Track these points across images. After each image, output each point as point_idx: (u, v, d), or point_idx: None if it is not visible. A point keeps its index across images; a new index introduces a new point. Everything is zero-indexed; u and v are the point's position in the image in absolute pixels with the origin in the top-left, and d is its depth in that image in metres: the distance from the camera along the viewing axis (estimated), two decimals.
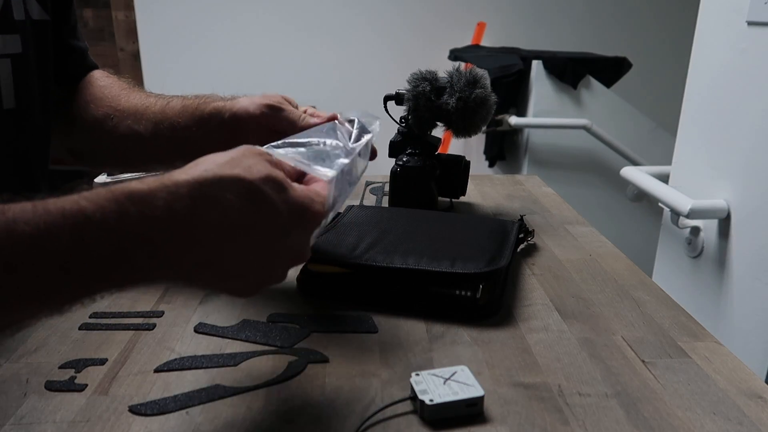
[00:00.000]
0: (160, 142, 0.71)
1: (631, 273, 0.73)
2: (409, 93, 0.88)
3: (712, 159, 1.22)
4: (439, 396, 0.46)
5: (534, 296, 0.66)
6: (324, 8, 2.97)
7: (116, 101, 0.74)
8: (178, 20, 2.84)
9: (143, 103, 0.73)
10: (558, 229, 0.88)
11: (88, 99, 0.76)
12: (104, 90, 0.76)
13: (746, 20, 1.11)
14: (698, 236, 1.25)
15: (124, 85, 0.78)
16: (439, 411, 0.45)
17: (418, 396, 0.46)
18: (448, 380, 0.48)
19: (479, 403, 0.46)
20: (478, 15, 2.99)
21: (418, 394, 0.46)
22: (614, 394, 0.50)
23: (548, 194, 1.06)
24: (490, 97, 0.87)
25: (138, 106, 0.72)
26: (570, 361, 0.54)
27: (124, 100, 0.74)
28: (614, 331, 0.59)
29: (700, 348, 0.57)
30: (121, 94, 0.75)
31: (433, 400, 0.45)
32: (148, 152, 0.73)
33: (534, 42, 2.81)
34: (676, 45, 2.86)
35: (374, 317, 0.61)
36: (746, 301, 1.12)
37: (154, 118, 0.71)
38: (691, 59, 1.29)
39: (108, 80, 0.78)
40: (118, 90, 0.76)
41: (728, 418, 0.47)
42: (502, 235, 0.72)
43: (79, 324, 0.59)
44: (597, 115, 2.17)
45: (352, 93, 3.02)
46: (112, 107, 0.74)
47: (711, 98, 1.23)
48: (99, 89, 0.77)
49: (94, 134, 0.75)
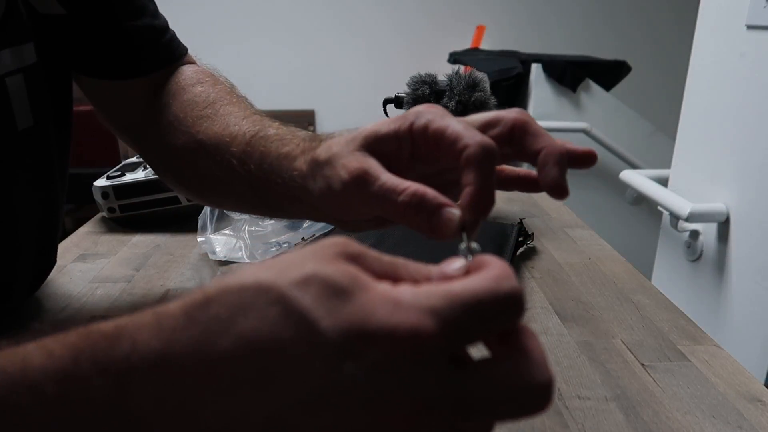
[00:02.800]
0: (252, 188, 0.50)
1: (631, 276, 0.73)
2: (409, 96, 0.88)
3: (711, 162, 1.22)
4: None
5: (533, 299, 0.66)
6: (323, 12, 2.98)
7: (195, 127, 0.54)
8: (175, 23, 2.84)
9: (228, 132, 0.51)
10: (557, 232, 0.88)
11: (172, 118, 0.57)
12: (186, 107, 0.57)
13: (745, 24, 1.12)
14: (697, 239, 1.25)
15: (212, 97, 0.56)
16: None
17: None
18: None
19: None
20: (478, 18, 3.00)
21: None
22: (614, 397, 0.50)
23: (547, 197, 1.05)
24: (490, 100, 0.87)
25: (220, 138, 0.51)
26: (569, 365, 0.54)
27: (205, 127, 0.53)
28: (614, 335, 0.59)
29: (699, 351, 0.57)
30: (203, 114, 0.55)
31: None
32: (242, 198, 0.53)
33: (533, 45, 2.81)
34: (676, 48, 2.86)
35: None
36: (745, 304, 1.12)
37: (239, 156, 0.49)
38: (691, 63, 1.30)
39: (196, 89, 0.58)
40: (202, 108, 0.55)
41: (728, 421, 0.47)
42: (502, 238, 0.72)
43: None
44: (596, 119, 2.17)
45: (351, 96, 3.02)
46: (191, 135, 0.54)
47: (710, 102, 1.23)
48: (180, 104, 0.57)
49: (177, 162, 0.57)
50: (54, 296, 0.66)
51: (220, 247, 0.73)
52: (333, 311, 0.23)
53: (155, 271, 0.72)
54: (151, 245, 0.80)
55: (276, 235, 0.76)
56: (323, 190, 0.41)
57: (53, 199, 0.62)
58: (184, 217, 0.86)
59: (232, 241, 0.74)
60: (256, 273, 0.25)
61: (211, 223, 0.75)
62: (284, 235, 0.76)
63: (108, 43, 0.59)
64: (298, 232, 0.76)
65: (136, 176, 0.85)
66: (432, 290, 0.24)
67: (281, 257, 0.26)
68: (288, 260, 0.25)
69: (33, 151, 0.57)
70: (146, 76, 0.60)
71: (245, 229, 0.75)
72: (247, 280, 0.24)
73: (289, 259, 0.25)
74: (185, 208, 0.86)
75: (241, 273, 0.25)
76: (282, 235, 0.76)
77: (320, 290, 0.24)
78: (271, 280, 0.24)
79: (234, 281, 0.25)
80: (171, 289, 0.68)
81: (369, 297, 0.24)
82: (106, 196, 0.85)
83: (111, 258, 0.76)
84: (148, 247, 0.79)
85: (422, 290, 0.24)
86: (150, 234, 0.83)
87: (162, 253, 0.78)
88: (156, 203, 0.86)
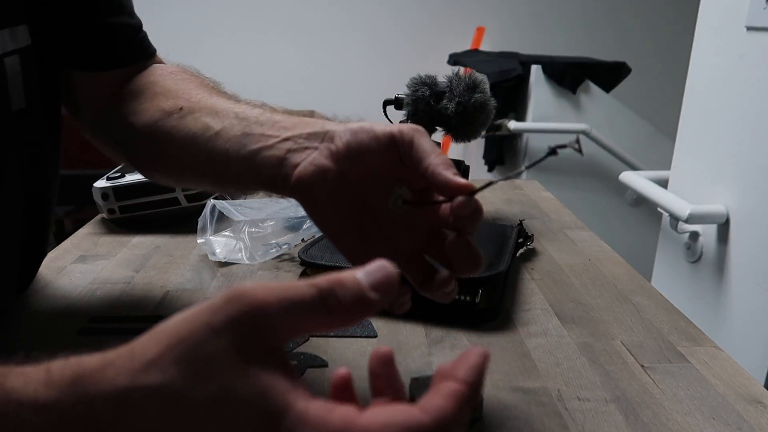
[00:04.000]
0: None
1: (631, 278, 0.73)
2: (408, 98, 0.88)
3: (711, 164, 1.22)
4: None
5: (533, 301, 0.66)
6: (323, 12, 2.98)
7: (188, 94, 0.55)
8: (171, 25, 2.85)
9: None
10: (557, 233, 0.88)
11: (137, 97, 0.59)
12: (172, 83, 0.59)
13: (745, 25, 1.12)
14: (697, 241, 1.25)
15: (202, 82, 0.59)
16: None
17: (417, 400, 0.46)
18: None
19: (478, 407, 0.46)
20: (478, 20, 3.00)
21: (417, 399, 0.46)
22: (613, 398, 0.50)
23: (547, 199, 1.06)
24: (489, 101, 0.87)
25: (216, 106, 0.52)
26: (569, 366, 0.54)
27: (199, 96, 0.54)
28: (613, 336, 0.59)
29: (699, 353, 0.57)
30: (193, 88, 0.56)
31: None
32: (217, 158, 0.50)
33: (533, 47, 2.81)
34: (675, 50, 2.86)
35: (373, 321, 0.61)
36: (745, 305, 1.12)
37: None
38: (690, 64, 1.30)
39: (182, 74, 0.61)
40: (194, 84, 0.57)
41: (727, 423, 0.47)
42: (502, 239, 0.72)
43: (77, 328, 0.59)
44: (596, 120, 2.17)
45: (351, 97, 3.02)
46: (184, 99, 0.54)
47: (710, 103, 1.23)
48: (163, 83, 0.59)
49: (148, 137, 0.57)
50: (54, 298, 0.66)
51: (220, 249, 0.73)
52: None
53: (155, 273, 0.72)
54: (151, 246, 0.80)
55: (276, 237, 0.76)
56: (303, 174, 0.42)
57: (42, 187, 0.62)
58: (184, 218, 0.86)
59: (232, 243, 0.74)
60: (166, 370, 0.25)
61: (211, 225, 0.75)
62: (284, 236, 0.76)
63: (87, 36, 0.61)
64: (299, 233, 0.76)
65: (135, 177, 0.85)
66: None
67: (181, 336, 0.26)
68: (191, 353, 0.25)
69: (24, 134, 0.58)
70: (122, 68, 0.63)
71: (245, 230, 0.75)
72: (154, 381, 0.25)
73: (194, 352, 0.25)
74: (185, 210, 0.86)
75: (124, 370, 0.25)
76: (282, 237, 0.76)
77: (235, 417, 0.25)
78: (177, 390, 0.25)
79: (143, 381, 0.25)
80: (171, 290, 0.68)
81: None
82: (105, 197, 0.85)
83: (111, 259, 0.76)
84: (148, 249, 0.79)
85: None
86: (150, 235, 0.83)
87: (162, 254, 0.78)
88: (156, 204, 0.86)
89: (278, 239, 0.75)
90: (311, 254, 0.66)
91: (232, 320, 0.25)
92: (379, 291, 0.27)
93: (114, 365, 0.26)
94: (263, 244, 0.74)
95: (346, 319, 0.27)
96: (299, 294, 0.26)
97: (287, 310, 0.26)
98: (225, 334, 0.25)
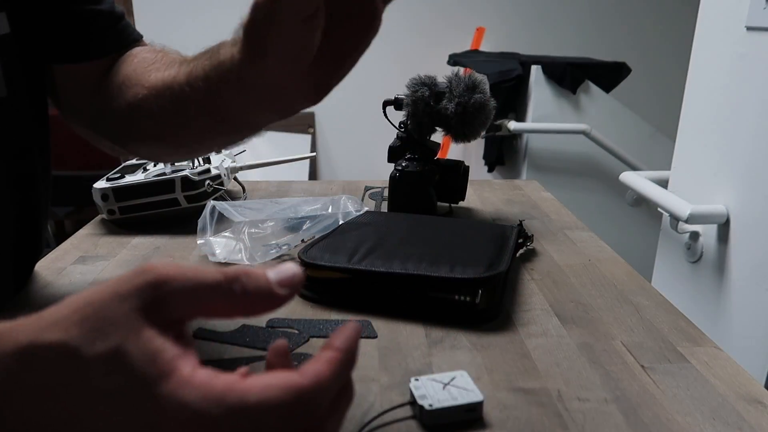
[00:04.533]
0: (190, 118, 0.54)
1: (631, 278, 0.73)
2: (408, 98, 0.88)
3: (711, 164, 1.22)
4: (439, 401, 0.46)
5: (533, 301, 0.66)
6: None
7: (145, 76, 0.58)
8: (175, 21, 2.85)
9: (174, 68, 0.55)
10: (557, 234, 0.88)
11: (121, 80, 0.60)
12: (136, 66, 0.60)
13: (745, 25, 1.12)
14: (697, 241, 1.25)
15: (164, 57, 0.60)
16: (439, 416, 0.45)
17: (417, 401, 0.46)
18: (448, 385, 0.48)
19: (478, 408, 0.46)
20: (477, 20, 3.00)
21: (417, 399, 0.46)
22: (613, 399, 0.49)
23: (547, 199, 1.06)
24: (489, 102, 0.88)
25: (166, 76, 0.55)
26: (569, 366, 0.54)
27: (154, 74, 0.57)
28: (613, 336, 0.59)
29: (699, 353, 0.57)
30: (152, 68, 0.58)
31: (432, 405, 0.45)
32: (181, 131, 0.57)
33: (533, 47, 2.82)
34: (676, 50, 2.87)
35: (373, 322, 0.61)
36: (745, 305, 1.12)
37: (186, 80, 0.53)
38: (691, 64, 1.30)
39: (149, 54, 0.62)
40: (151, 63, 0.59)
41: (728, 423, 0.47)
42: (502, 240, 0.72)
43: None
44: (596, 120, 2.17)
45: (351, 98, 3.02)
46: (141, 86, 0.57)
47: (710, 103, 1.23)
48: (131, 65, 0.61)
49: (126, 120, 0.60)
50: (53, 298, 0.66)
51: (220, 249, 0.73)
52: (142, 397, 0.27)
53: None
54: (150, 247, 0.80)
55: (276, 237, 0.76)
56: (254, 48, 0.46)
57: (31, 179, 0.62)
58: (183, 219, 0.86)
59: (232, 243, 0.74)
60: (69, 329, 0.28)
61: (210, 225, 0.75)
62: (284, 237, 0.76)
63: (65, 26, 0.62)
64: (299, 234, 0.76)
65: (135, 178, 0.85)
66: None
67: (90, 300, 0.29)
68: (95, 314, 0.28)
69: (7, 123, 0.58)
70: (100, 58, 0.63)
71: (245, 231, 0.75)
72: (54, 338, 0.27)
73: (96, 313, 0.28)
74: (185, 210, 0.86)
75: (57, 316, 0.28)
76: (282, 237, 0.76)
77: (124, 375, 0.27)
78: (75, 346, 0.27)
79: (44, 338, 0.28)
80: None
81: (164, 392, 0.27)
82: (105, 198, 0.85)
83: (111, 260, 0.76)
84: (148, 249, 0.79)
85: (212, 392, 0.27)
86: (150, 236, 0.84)
87: (162, 255, 0.78)
88: (156, 205, 0.86)
89: (278, 240, 0.75)
90: (311, 255, 0.66)
91: (136, 289, 0.29)
92: (285, 286, 0.30)
93: (22, 325, 0.29)
94: (263, 244, 0.74)
95: (250, 307, 0.30)
96: (205, 276, 0.29)
97: (190, 288, 0.29)
98: (129, 300, 0.28)
